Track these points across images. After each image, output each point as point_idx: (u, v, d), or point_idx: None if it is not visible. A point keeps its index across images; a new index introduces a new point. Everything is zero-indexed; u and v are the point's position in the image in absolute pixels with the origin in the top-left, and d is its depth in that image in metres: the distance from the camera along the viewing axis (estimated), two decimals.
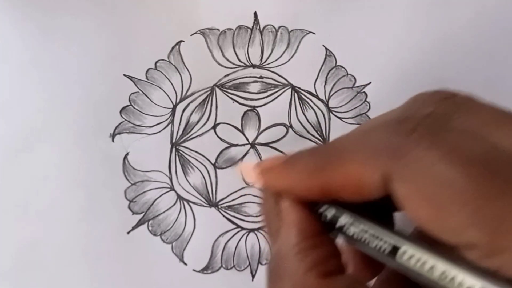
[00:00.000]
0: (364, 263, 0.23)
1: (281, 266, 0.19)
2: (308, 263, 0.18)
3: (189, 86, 0.32)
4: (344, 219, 0.20)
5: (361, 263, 0.23)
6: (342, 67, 0.32)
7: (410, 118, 0.18)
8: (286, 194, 0.21)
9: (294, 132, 0.31)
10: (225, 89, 0.32)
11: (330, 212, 0.20)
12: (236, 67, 0.32)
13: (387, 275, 0.23)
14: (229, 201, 0.31)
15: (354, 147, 0.19)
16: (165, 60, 0.32)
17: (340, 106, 0.32)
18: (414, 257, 0.17)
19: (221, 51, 0.32)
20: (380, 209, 0.20)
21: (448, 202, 0.16)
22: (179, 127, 0.31)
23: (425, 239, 0.17)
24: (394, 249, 0.18)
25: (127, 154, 0.31)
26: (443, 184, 0.16)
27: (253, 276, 0.30)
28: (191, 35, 0.32)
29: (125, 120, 0.31)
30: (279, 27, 0.32)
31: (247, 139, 0.31)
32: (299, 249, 0.19)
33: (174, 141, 0.31)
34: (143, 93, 0.31)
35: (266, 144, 0.31)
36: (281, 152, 0.31)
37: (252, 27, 0.32)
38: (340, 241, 0.20)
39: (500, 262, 0.15)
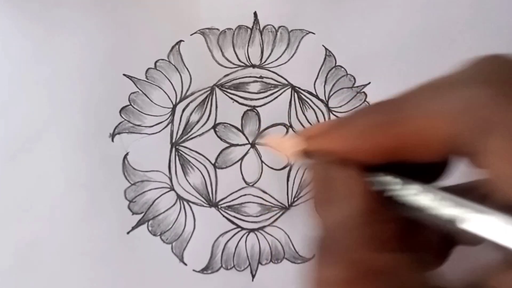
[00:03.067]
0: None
1: (335, 240, 0.18)
2: (374, 234, 0.17)
3: (189, 86, 0.31)
4: (413, 188, 0.18)
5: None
6: (342, 67, 0.32)
7: (497, 79, 0.17)
8: (341, 160, 0.19)
9: (294, 132, 0.31)
10: (225, 89, 0.32)
11: (393, 182, 0.18)
12: (236, 67, 0.32)
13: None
14: (229, 201, 0.31)
15: (439, 96, 0.17)
16: (165, 60, 0.32)
17: (340, 106, 0.32)
18: (496, 225, 0.16)
19: (221, 51, 0.32)
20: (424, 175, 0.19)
21: None
22: (179, 127, 0.31)
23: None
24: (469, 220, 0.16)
25: (127, 154, 0.31)
26: None
27: (253, 276, 0.30)
28: (191, 35, 0.32)
29: (125, 120, 0.31)
30: (279, 27, 0.32)
31: (247, 139, 0.31)
32: (364, 221, 0.18)
33: (174, 141, 0.31)
34: (143, 93, 0.31)
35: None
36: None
37: (252, 27, 0.32)
38: (401, 212, 0.19)
39: None
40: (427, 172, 0.18)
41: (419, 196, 0.18)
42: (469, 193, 0.18)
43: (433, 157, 0.17)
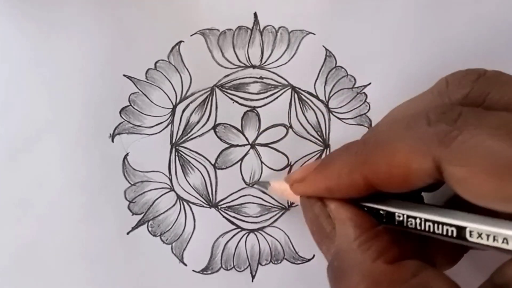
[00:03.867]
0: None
1: (345, 262, 0.19)
2: (373, 252, 0.19)
3: (189, 87, 0.31)
4: (399, 211, 0.20)
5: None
6: (342, 67, 0.32)
7: (452, 106, 0.19)
8: (329, 197, 0.21)
9: (294, 132, 0.31)
10: (225, 90, 0.32)
11: (382, 207, 0.20)
12: (236, 68, 0.32)
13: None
14: (229, 202, 0.31)
15: (397, 138, 0.19)
16: (165, 61, 0.32)
17: (340, 107, 0.32)
18: (483, 233, 0.18)
19: (221, 51, 0.32)
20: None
21: (506, 173, 0.16)
22: (179, 128, 0.31)
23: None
24: (460, 230, 0.18)
25: (127, 154, 0.31)
26: (498, 158, 0.16)
27: (253, 277, 0.30)
28: (191, 35, 0.32)
29: (125, 120, 0.31)
30: (279, 27, 0.32)
31: (247, 139, 0.31)
32: (361, 241, 0.19)
33: (174, 141, 0.31)
34: (143, 93, 0.31)
35: (266, 145, 0.31)
36: (281, 152, 0.31)
37: (252, 27, 0.32)
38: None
39: None
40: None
41: (409, 219, 0.20)
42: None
43: (419, 184, 0.19)
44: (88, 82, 0.31)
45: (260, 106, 0.32)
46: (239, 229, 0.31)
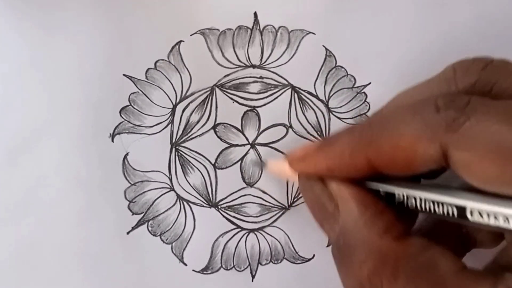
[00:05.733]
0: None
1: (351, 240, 0.19)
2: (380, 228, 0.19)
3: (189, 86, 0.31)
4: (400, 191, 0.20)
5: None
6: (342, 67, 0.32)
7: (460, 94, 0.19)
8: (329, 177, 0.21)
9: (294, 132, 0.31)
10: (225, 89, 0.32)
11: (383, 187, 0.20)
12: (236, 67, 0.32)
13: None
14: (229, 201, 0.31)
15: (404, 121, 0.19)
16: (165, 60, 0.32)
17: (340, 107, 0.32)
18: (484, 212, 0.18)
19: (221, 51, 0.32)
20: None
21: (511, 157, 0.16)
22: (179, 127, 0.31)
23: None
24: (461, 210, 0.18)
25: (127, 154, 0.31)
26: (503, 142, 0.16)
27: (253, 277, 0.30)
28: (191, 35, 0.32)
29: (125, 120, 0.31)
30: (279, 27, 0.32)
31: (247, 139, 0.31)
32: (366, 217, 0.19)
33: (174, 141, 0.31)
34: (143, 93, 0.31)
35: (266, 145, 0.31)
36: (281, 152, 0.31)
37: (252, 27, 0.32)
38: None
39: None
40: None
41: (410, 198, 0.19)
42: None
43: (423, 169, 0.19)
44: (88, 81, 0.31)
45: (260, 106, 0.32)
46: (239, 229, 0.30)
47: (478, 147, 0.17)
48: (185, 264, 0.30)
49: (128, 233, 0.30)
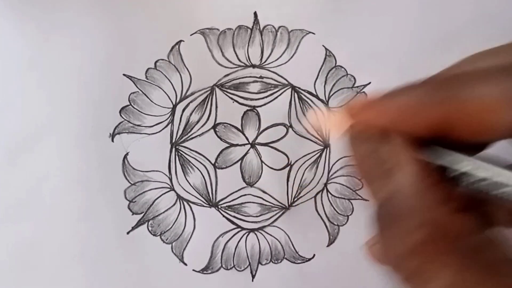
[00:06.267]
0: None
1: (404, 204, 0.18)
2: (439, 197, 0.17)
3: (189, 86, 0.31)
4: (467, 164, 0.18)
5: None
6: (342, 67, 0.32)
7: None
8: (387, 131, 0.19)
9: (294, 132, 0.31)
10: (225, 89, 0.32)
11: (445, 156, 0.19)
12: (236, 67, 0.32)
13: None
14: (229, 201, 0.31)
15: (490, 82, 0.17)
16: (165, 60, 0.32)
17: (340, 106, 0.32)
18: None
19: (221, 51, 0.32)
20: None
21: None
22: (179, 127, 0.31)
23: None
24: None
25: (127, 154, 0.31)
26: None
27: (253, 276, 0.30)
28: (191, 35, 0.32)
29: (125, 120, 0.31)
30: (279, 27, 0.32)
31: (247, 139, 0.31)
32: (425, 185, 0.18)
33: (174, 141, 0.31)
34: (143, 93, 0.31)
35: (266, 144, 0.31)
36: (281, 152, 0.31)
37: (252, 27, 0.32)
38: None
39: None
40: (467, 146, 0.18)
41: (476, 169, 0.18)
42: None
43: (499, 135, 0.18)
44: (88, 81, 0.31)
45: (260, 106, 0.32)
46: (239, 229, 0.30)
47: None
48: (185, 264, 0.30)
49: (128, 233, 0.30)
